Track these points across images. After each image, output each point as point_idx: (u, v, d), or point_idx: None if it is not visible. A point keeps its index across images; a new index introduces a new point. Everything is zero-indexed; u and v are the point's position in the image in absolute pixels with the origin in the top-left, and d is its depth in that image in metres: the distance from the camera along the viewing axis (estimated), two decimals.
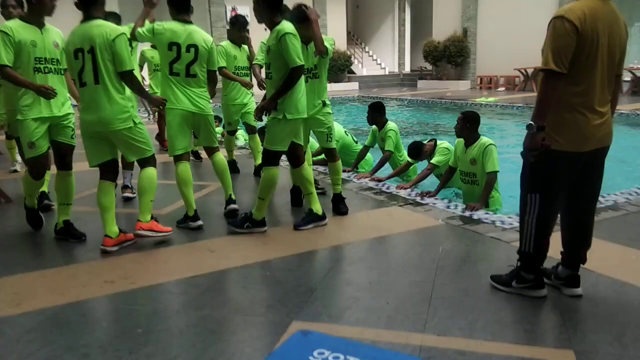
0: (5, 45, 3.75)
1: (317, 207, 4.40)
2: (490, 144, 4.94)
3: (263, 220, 4.29)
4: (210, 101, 4.45)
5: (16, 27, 3.82)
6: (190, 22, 4.29)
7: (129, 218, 4.54)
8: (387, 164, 6.26)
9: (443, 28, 20.44)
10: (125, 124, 3.82)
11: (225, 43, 6.05)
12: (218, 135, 8.24)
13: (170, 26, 4.19)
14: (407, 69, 23.85)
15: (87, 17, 3.76)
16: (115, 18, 4.85)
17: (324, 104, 4.66)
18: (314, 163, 6.01)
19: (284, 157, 4.36)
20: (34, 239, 4.27)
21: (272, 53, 4.00)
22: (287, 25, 3.97)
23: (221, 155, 4.64)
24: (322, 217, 4.41)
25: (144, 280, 3.36)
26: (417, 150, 5.87)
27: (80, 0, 3.73)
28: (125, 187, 5.39)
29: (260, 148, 5.83)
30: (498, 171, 4.88)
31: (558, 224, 3.05)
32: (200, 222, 4.36)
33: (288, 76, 3.96)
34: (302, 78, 4.14)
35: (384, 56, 24.13)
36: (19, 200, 4.89)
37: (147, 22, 4.24)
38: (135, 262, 3.69)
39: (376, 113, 6.33)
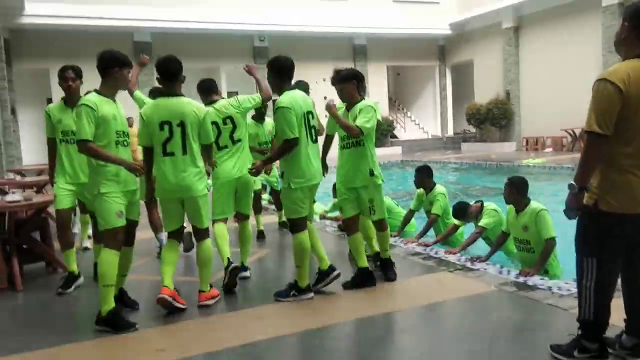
0: (89, 119, 3.71)
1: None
2: (542, 210, 4.80)
3: (308, 286, 4.26)
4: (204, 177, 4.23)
5: (99, 101, 3.82)
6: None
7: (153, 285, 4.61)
8: (432, 229, 6.19)
9: (485, 91, 20.57)
10: (202, 192, 4.08)
11: None
12: (264, 203, 8.40)
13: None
14: (450, 132, 23.91)
15: (170, 92, 4.03)
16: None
17: (372, 174, 4.49)
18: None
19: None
20: (89, 308, 4.37)
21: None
22: (284, 98, 4.10)
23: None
24: (307, 290, 4.25)
25: (196, 349, 3.36)
26: (463, 211, 5.78)
27: (164, 77, 4.03)
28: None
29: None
30: (555, 237, 4.73)
31: (619, 288, 2.92)
32: (235, 264, 4.51)
33: (280, 146, 4.13)
34: (304, 147, 4.15)
35: (426, 120, 24.34)
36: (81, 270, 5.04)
37: None
38: (186, 330, 3.71)
39: (424, 176, 6.31)
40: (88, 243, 6.32)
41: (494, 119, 19.84)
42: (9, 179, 8.15)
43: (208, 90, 4.91)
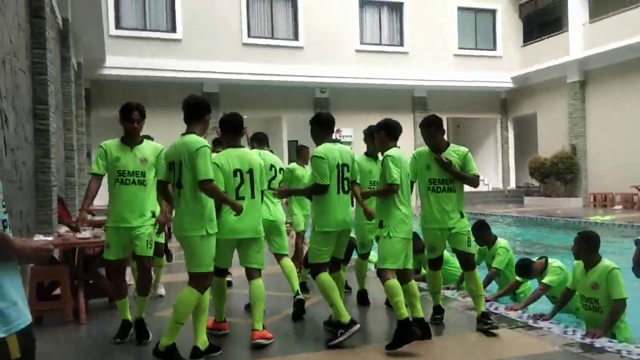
0: (210, 159, 3.90)
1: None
2: (614, 268, 4.54)
3: (352, 320, 4.20)
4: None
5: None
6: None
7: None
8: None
9: (549, 145, 20.05)
10: (262, 233, 4.44)
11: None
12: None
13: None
14: (512, 185, 23.31)
15: (234, 143, 4.46)
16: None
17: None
18: None
19: None
20: (146, 344, 4.44)
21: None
22: (320, 148, 4.46)
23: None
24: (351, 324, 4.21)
25: None
26: (526, 269, 5.56)
27: (231, 131, 4.47)
28: None
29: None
30: (626, 298, 4.46)
31: None
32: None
33: (310, 187, 4.59)
34: (334, 195, 4.41)
35: (487, 172, 23.88)
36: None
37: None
38: None
39: (483, 232, 6.14)
40: (162, 289, 6.12)
41: (559, 173, 19.22)
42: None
43: (263, 141, 5.85)
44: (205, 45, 17.42)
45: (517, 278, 5.71)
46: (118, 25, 16.93)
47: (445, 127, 20.44)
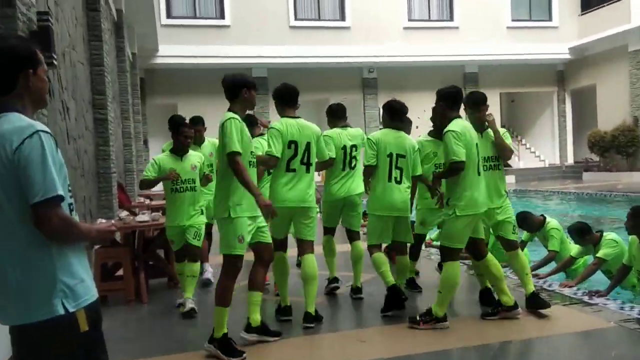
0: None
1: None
2: None
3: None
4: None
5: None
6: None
7: None
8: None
9: (609, 117, 19.17)
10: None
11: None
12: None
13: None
14: (570, 160, 22.46)
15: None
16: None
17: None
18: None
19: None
20: (203, 320, 4.65)
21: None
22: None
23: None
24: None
25: None
26: (525, 220, 5.74)
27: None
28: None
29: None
30: None
31: None
32: None
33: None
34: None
35: (543, 148, 23.10)
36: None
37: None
38: (295, 348, 3.86)
39: (527, 221, 5.88)
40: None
41: (620, 147, 18.38)
42: (139, 202, 8.98)
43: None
44: (253, 30, 17.61)
45: (572, 254, 5.58)
46: (169, 15, 17.35)
47: (498, 102, 19.75)
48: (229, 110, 3.84)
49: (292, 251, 4.74)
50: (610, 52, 19.40)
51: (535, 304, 4.31)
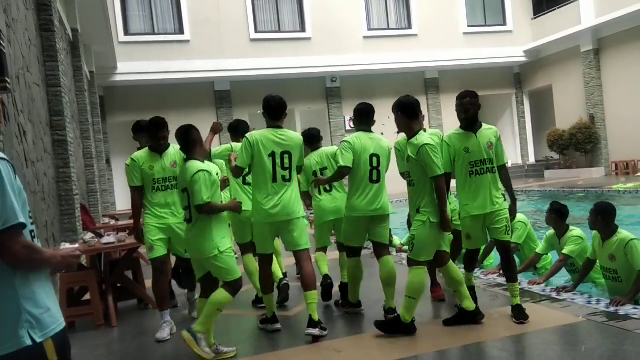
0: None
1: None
2: (632, 239, 4.54)
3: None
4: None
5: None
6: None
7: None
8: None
9: (567, 116, 19.76)
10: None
11: None
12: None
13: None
14: (532, 159, 23.04)
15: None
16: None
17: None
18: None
19: None
20: (175, 343, 4.57)
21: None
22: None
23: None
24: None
25: None
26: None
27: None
28: None
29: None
30: None
31: None
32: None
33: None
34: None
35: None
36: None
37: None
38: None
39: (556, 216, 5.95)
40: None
41: (579, 144, 18.94)
42: (104, 224, 8.79)
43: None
44: (213, 44, 17.52)
45: (537, 250, 5.72)
46: (127, 32, 17.09)
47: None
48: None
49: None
50: (563, 53, 20.04)
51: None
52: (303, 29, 19.01)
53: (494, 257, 6.45)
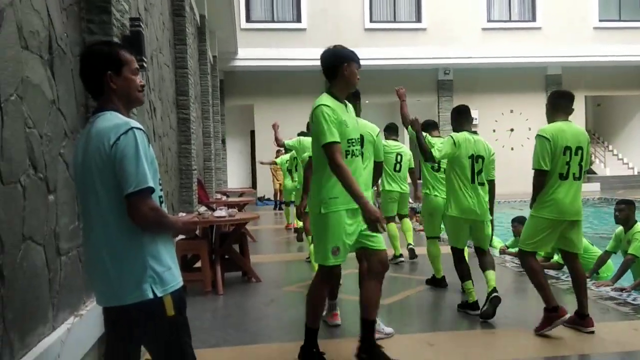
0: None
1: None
2: None
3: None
4: None
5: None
6: None
7: None
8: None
9: None
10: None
11: None
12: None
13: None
14: None
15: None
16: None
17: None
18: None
19: None
20: (281, 313, 4.78)
21: None
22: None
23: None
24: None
25: None
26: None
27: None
28: None
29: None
30: None
31: None
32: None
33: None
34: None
35: (631, 155, 21.71)
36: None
37: None
38: None
39: (628, 210, 5.67)
40: None
41: None
42: (216, 199, 9.34)
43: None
44: (328, 33, 17.76)
45: (607, 249, 5.45)
46: (248, 19, 17.86)
47: (583, 106, 18.81)
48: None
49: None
50: None
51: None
52: (419, 20, 18.69)
53: (612, 269, 6.03)
